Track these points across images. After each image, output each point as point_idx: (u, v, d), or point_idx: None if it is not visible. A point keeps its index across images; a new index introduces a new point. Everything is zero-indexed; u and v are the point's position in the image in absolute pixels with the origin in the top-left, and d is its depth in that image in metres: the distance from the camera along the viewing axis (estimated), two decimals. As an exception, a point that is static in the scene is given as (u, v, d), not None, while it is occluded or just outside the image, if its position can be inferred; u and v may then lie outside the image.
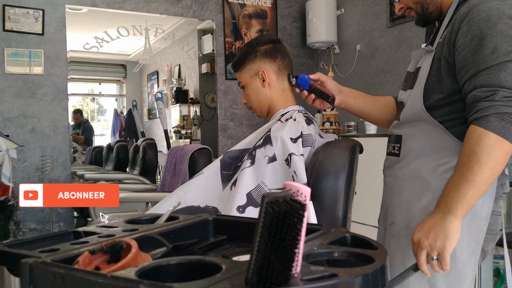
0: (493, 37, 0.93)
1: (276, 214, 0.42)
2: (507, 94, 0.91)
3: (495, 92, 0.91)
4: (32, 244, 0.68)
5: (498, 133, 0.90)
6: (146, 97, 4.13)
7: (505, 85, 0.91)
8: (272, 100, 1.39)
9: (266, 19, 3.86)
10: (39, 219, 3.00)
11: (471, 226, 1.01)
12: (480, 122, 0.92)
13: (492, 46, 0.93)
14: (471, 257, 1.03)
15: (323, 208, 1.16)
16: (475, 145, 0.92)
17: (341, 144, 1.22)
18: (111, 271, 0.50)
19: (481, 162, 0.91)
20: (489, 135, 0.91)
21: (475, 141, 0.92)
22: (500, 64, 0.92)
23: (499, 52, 0.93)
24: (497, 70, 0.92)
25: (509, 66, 0.92)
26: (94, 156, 3.88)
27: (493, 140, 0.90)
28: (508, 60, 0.92)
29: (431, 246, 0.96)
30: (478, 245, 1.03)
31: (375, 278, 0.49)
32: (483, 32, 0.95)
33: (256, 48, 1.38)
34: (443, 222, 0.95)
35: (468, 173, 0.93)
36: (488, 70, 0.93)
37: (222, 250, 0.76)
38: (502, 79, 0.92)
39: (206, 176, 1.30)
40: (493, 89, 0.92)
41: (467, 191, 0.93)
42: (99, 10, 3.26)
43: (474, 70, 0.95)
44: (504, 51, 0.92)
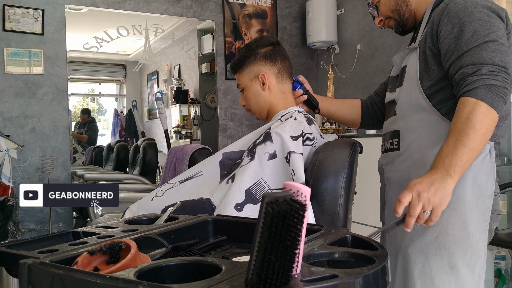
0: (472, 23, 1.05)
1: (276, 214, 0.42)
2: (492, 69, 1.00)
3: (480, 68, 1.01)
4: (31, 244, 0.68)
5: (488, 103, 0.99)
6: (146, 97, 4.13)
7: (487, 61, 1.01)
8: (271, 103, 1.38)
9: (266, 19, 3.86)
10: (38, 219, 3.00)
11: (479, 204, 1.08)
12: (471, 93, 1.01)
13: (472, 30, 1.05)
14: (482, 234, 1.10)
15: (323, 208, 1.16)
16: (469, 113, 1.00)
17: (341, 144, 1.22)
18: (110, 272, 0.50)
19: (475, 128, 0.99)
20: (481, 104, 0.99)
21: (470, 110, 1.00)
22: (481, 45, 1.03)
23: (478, 35, 1.04)
24: (479, 50, 1.03)
25: (488, 46, 1.02)
26: (94, 156, 3.88)
27: (484, 108, 0.99)
28: (488, 41, 1.03)
29: (430, 200, 0.99)
30: (486, 221, 1.10)
31: (375, 278, 0.49)
32: (462, 20, 1.06)
33: (255, 50, 1.37)
34: (442, 181, 0.99)
35: (464, 138, 0.99)
36: (471, 51, 1.04)
37: (221, 251, 0.76)
38: (485, 57, 1.02)
39: (204, 178, 1.29)
40: (478, 65, 1.02)
41: (464, 154, 0.99)
42: (99, 10, 3.26)
43: (457, 53, 1.06)
44: (483, 33, 1.04)
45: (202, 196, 1.22)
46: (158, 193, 1.28)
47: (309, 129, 1.28)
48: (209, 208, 1.18)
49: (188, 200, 1.21)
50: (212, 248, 0.77)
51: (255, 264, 0.43)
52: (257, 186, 1.17)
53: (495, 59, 1.02)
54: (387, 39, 3.31)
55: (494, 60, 1.01)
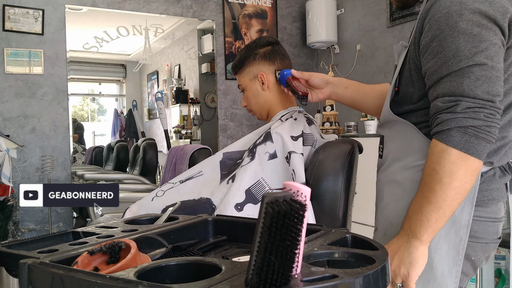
0: (455, 38, 0.83)
1: (276, 214, 0.42)
2: (471, 105, 0.81)
3: (457, 103, 0.82)
4: (31, 244, 0.68)
5: (461, 149, 0.81)
6: (146, 97, 4.13)
7: (468, 94, 0.81)
8: (271, 103, 1.38)
9: (266, 19, 3.86)
10: (38, 219, 3.00)
11: (449, 234, 0.92)
12: (441, 136, 0.83)
13: (454, 48, 0.83)
14: (452, 269, 0.93)
15: (323, 208, 1.16)
16: (436, 163, 0.84)
17: (341, 144, 1.22)
18: (110, 272, 0.50)
19: (443, 182, 0.82)
20: (450, 152, 0.82)
21: (436, 159, 0.84)
22: (463, 70, 0.82)
23: (461, 55, 0.82)
24: (460, 77, 0.82)
25: (473, 72, 0.81)
26: (94, 156, 3.88)
27: (456, 157, 0.81)
28: (472, 65, 0.81)
29: (395, 273, 0.89)
30: (459, 255, 0.92)
31: (375, 279, 0.49)
32: (444, 32, 0.84)
33: (254, 50, 1.37)
34: (407, 246, 0.87)
35: (430, 194, 0.84)
36: (451, 77, 0.83)
37: (221, 251, 0.76)
38: (465, 87, 0.81)
39: (205, 178, 1.29)
40: (455, 98, 0.82)
41: (431, 213, 0.84)
42: (99, 10, 3.26)
43: (436, 76, 0.86)
44: (467, 53, 0.82)
45: (203, 196, 1.22)
46: (158, 193, 1.28)
47: (309, 129, 1.28)
48: (209, 208, 1.19)
49: (188, 200, 1.21)
50: (212, 248, 0.77)
51: (255, 264, 0.43)
52: (257, 186, 1.17)
53: (478, 90, 0.81)
54: (387, 39, 3.31)
55: (476, 93, 0.81)
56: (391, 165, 1.02)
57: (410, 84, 0.97)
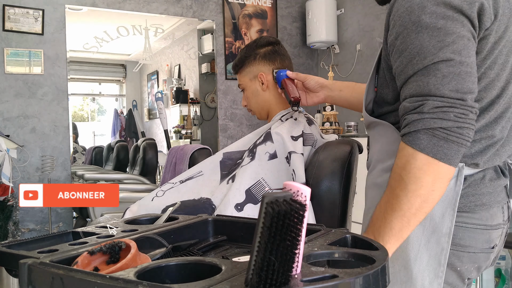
0: (418, 34, 0.77)
1: (276, 214, 0.42)
2: (438, 104, 0.74)
3: (423, 103, 0.75)
4: (30, 244, 0.68)
5: (429, 153, 0.74)
6: (146, 97, 4.13)
7: (435, 93, 0.75)
8: (271, 102, 1.38)
9: (266, 19, 3.86)
10: (38, 219, 3.00)
11: (430, 242, 0.85)
12: (408, 139, 0.77)
13: (418, 45, 0.77)
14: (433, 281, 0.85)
15: (323, 208, 1.16)
16: (402, 168, 0.77)
17: (341, 144, 1.22)
18: (110, 272, 0.50)
19: (408, 189, 0.76)
20: (417, 156, 0.75)
21: (402, 164, 0.77)
22: (429, 67, 0.76)
23: (426, 52, 0.76)
24: (425, 76, 0.76)
25: (439, 69, 0.75)
26: (94, 156, 3.88)
27: (422, 162, 0.75)
28: (438, 61, 0.75)
29: None
30: (441, 266, 0.85)
31: (375, 279, 0.49)
32: (407, 29, 0.78)
33: (255, 50, 1.37)
34: None
35: (394, 201, 0.78)
36: (417, 76, 0.77)
37: (221, 251, 0.76)
38: (431, 86, 0.75)
39: (205, 178, 1.29)
40: (422, 98, 0.76)
41: (395, 222, 0.78)
42: (99, 10, 3.26)
43: (404, 76, 0.80)
44: (432, 49, 0.76)
45: (203, 196, 1.22)
46: (158, 193, 1.28)
47: (309, 129, 1.28)
48: (209, 208, 1.19)
49: (188, 200, 1.21)
50: (212, 248, 0.77)
51: (255, 264, 0.43)
52: (257, 186, 1.17)
53: (445, 88, 0.74)
54: (387, 39, 3.31)
55: (444, 91, 0.74)
56: (375, 167, 0.96)
57: (385, 85, 0.92)
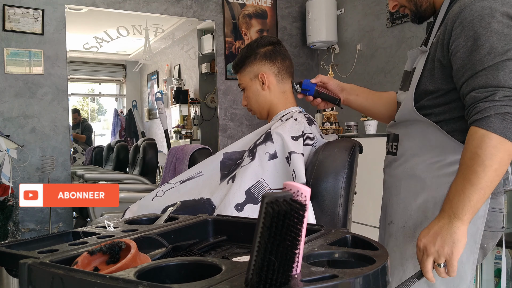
0: (488, 37, 0.92)
1: (276, 214, 0.42)
2: (507, 93, 0.89)
3: (494, 92, 0.90)
4: (31, 244, 0.68)
5: (500, 134, 0.88)
6: (146, 97, 4.13)
7: (504, 84, 0.90)
8: (272, 102, 1.38)
9: (266, 19, 3.86)
10: (38, 219, 3.00)
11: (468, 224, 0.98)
12: (481, 123, 0.90)
13: (488, 46, 0.92)
14: (470, 256, 1.01)
15: (323, 208, 1.16)
16: (477, 147, 0.90)
17: (341, 144, 1.22)
18: (110, 272, 0.50)
19: (485, 164, 0.89)
20: (491, 136, 0.88)
21: (478, 143, 0.90)
22: (498, 64, 0.91)
23: (495, 52, 0.91)
24: (495, 70, 0.91)
25: (507, 65, 0.90)
26: (94, 156, 3.88)
27: (496, 141, 0.88)
28: (506, 59, 0.90)
29: (439, 253, 0.93)
30: (476, 243, 1.01)
31: (376, 278, 0.49)
32: (478, 33, 0.93)
33: (255, 50, 1.37)
34: (449, 227, 0.92)
35: (472, 176, 0.90)
36: (486, 71, 0.92)
37: (222, 251, 0.76)
38: (501, 79, 0.90)
39: (205, 178, 1.29)
40: (493, 89, 0.90)
41: (473, 194, 0.90)
42: (99, 10, 3.26)
43: (471, 72, 0.94)
44: (501, 50, 0.91)
45: (203, 196, 1.22)
46: (158, 193, 1.28)
47: (309, 129, 1.28)
48: (209, 208, 1.19)
49: (189, 200, 1.21)
50: (212, 248, 0.77)
51: (255, 264, 0.43)
52: (257, 186, 1.17)
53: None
54: (387, 39, 3.31)
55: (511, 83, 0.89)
56: (409, 161, 1.10)
57: (429, 83, 1.05)
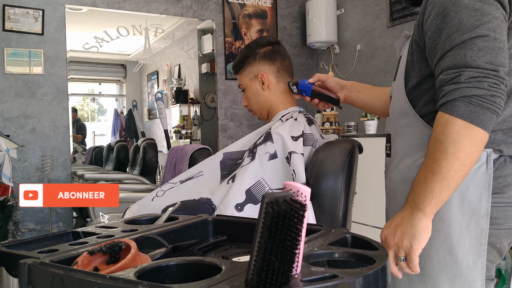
0: (457, 13, 0.84)
1: (276, 214, 0.42)
2: (474, 74, 0.81)
3: (460, 73, 0.82)
4: (31, 244, 0.68)
5: (466, 119, 0.80)
6: (146, 97, 4.13)
7: (471, 64, 0.81)
8: (272, 102, 1.38)
9: (266, 19, 3.86)
10: (38, 219, 3.00)
11: (470, 225, 0.90)
12: (446, 107, 0.83)
13: (457, 22, 0.84)
14: (477, 260, 0.91)
15: (323, 208, 1.16)
16: (440, 133, 0.83)
17: (341, 144, 1.22)
18: (110, 272, 0.50)
19: (447, 152, 0.82)
20: (455, 122, 0.81)
21: (441, 129, 0.83)
22: (466, 42, 0.82)
23: (464, 29, 0.83)
24: (462, 49, 0.83)
25: (475, 43, 0.82)
26: (94, 156, 3.88)
27: (460, 127, 0.81)
28: (474, 37, 0.82)
29: (398, 245, 0.88)
30: (483, 245, 0.91)
31: (375, 278, 0.49)
32: (447, 9, 0.86)
33: (255, 50, 1.37)
34: (411, 219, 0.87)
35: (434, 165, 0.83)
36: (454, 50, 0.84)
37: (222, 251, 0.76)
38: (468, 58, 0.82)
39: (205, 178, 1.29)
40: (459, 70, 0.82)
41: (435, 184, 0.83)
42: (99, 10, 3.26)
43: (441, 52, 0.87)
44: (470, 26, 0.83)
45: (203, 196, 1.22)
46: (158, 193, 1.28)
47: (309, 129, 1.28)
48: (209, 208, 1.19)
49: (189, 200, 1.21)
50: (212, 248, 0.77)
51: (255, 264, 0.43)
52: (257, 186, 1.17)
53: (480, 60, 0.81)
54: (387, 39, 3.31)
55: (479, 63, 0.81)
56: (401, 162, 1.01)
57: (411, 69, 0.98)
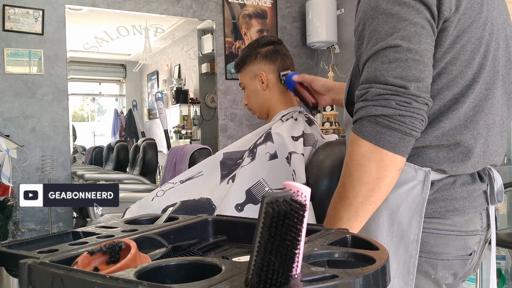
0: (374, 19, 0.76)
1: (276, 214, 0.42)
2: (381, 92, 0.73)
3: (368, 90, 0.74)
4: (30, 244, 0.68)
5: (371, 140, 0.73)
6: (146, 97, 4.13)
7: (379, 79, 0.73)
8: (271, 102, 1.38)
9: (266, 19, 3.86)
10: (38, 219, 3.00)
11: (399, 250, 0.83)
12: (354, 127, 0.76)
13: (372, 30, 0.76)
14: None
15: (324, 208, 1.16)
16: (348, 155, 0.77)
17: (341, 144, 1.22)
18: (110, 272, 0.50)
19: (352, 177, 0.75)
20: (361, 143, 0.74)
21: (348, 152, 0.77)
22: (378, 53, 0.74)
23: (377, 37, 0.75)
24: (374, 61, 0.75)
25: (385, 55, 0.73)
26: (94, 156, 3.89)
27: (365, 149, 0.73)
28: (386, 47, 0.73)
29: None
30: (410, 274, 0.82)
31: (376, 279, 0.49)
32: (367, 14, 0.79)
33: (256, 49, 1.37)
34: None
35: (341, 189, 0.78)
36: (369, 62, 0.77)
37: (221, 251, 0.76)
38: (377, 73, 0.74)
39: (205, 178, 1.29)
40: (368, 86, 0.75)
41: (342, 211, 0.77)
42: (99, 10, 3.26)
43: (361, 64, 0.80)
44: (383, 35, 0.74)
45: (203, 196, 1.22)
46: (158, 193, 1.28)
47: (309, 130, 1.28)
48: (209, 208, 1.19)
49: (189, 200, 1.21)
50: (212, 248, 0.77)
51: (255, 264, 0.43)
52: (257, 186, 1.17)
53: (389, 75, 0.72)
54: (387, 39, 3.31)
55: (387, 78, 0.72)
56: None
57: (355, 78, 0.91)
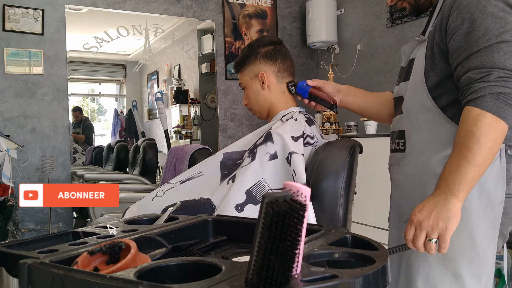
0: (484, 19, 0.95)
1: (276, 215, 0.42)
2: (502, 74, 0.92)
3: (489, 73, 0.92)
4: (30, 244, 0.68)
5: (494, 113, 0.91)
6: (146, 97, 4.13)
7: (498, 65, 0.92)
8: (272, 102, 1.38)
9: (266, 19, 3.86)
10: (38, 219, 3.00)
11: (487, 212, 1.02)
12: (476, 103, 0.93)
13: (484, 28, 0.95)
14: (491, 243, 1.04)
15: (323, 208, 1.16)
16: (473, 125, 0.92)
17: (341, 144, 1.22)
18: (110, 272, 0.50)
19: (480, 142, 0.91)
20: (486, 115, 0.91)
21: (473, 122, 0.92)
22: (492, 46, 0.93)
23: (490, 34, 0.94)
24: (490, 52, 0.94)
25: (501, 47, 0.93)
26: (94, 156, 3.88)
27: (490, 120, 0.91)
28: (500, 41, 0.93)
29: (432, 227, 0.94)
30: (496, 229, 1.03)
31: (375, 278, 0.49)
32: (474, 15, 0.96)
33: (256, 50, 1.37)
34: (445, 203, 0.94)
35: (468, 154, 0.92)
36: (481, 52, 0.95)
37: (222, 251, 0.76)
38: (495, 60, 0.93)
39: (205, 178, 1.29)
40: (487, 70, 0.93)
41: (468, 171, 0.92)
42: (99, 10, 3.26)
43: (466, 53, 0.97)
44: (496, 32, 0.94)
45: (203, 196, 1.22)
46: (158, 193, 1.28)
47: (309, 130, 1.28)
48: (209, 208, 1.18)
49: (189, 200, 1.21)
50: (212, 248, 0.77)
51: (255, 264, 0.43)
52: (257, 186, 1.17)
53: (507, 62, 0.92)
54: (387, 39, 3.31)
55: (506, 64, 0.92)
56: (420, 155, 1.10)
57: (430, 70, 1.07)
